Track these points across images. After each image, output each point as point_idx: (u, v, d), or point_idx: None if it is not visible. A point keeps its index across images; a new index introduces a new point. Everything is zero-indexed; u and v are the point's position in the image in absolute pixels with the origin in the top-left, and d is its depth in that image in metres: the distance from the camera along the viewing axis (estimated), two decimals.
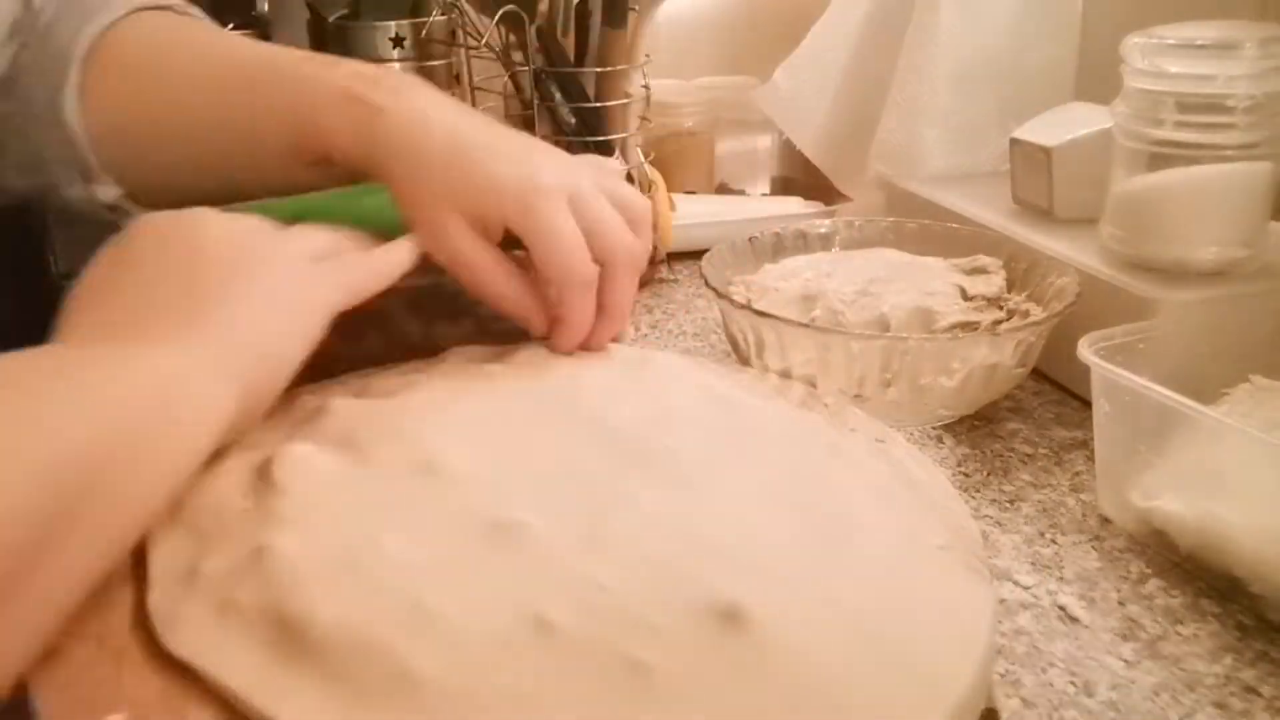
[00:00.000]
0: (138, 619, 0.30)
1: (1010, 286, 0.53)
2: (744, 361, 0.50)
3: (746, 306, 0.48)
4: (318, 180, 0.46)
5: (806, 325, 0.48)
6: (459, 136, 0.42)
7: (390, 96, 0.42)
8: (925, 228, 0.59)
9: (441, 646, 0.27)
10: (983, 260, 0.54)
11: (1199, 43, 0.46)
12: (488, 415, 0.39)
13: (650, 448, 0.36)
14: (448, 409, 0.39)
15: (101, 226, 0.54)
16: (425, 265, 0.44)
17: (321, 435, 0.37)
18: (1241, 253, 0.48)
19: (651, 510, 0.33)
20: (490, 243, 0.42)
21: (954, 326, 0.49)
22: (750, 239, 0.57)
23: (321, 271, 0.39)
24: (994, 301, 0.51)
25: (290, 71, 0.45)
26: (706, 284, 0.50)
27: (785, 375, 0.47)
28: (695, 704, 0.26)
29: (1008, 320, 0.50)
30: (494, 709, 0.26)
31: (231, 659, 0.27)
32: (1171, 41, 0.46)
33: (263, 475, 0.35)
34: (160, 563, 0.32)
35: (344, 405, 0.39)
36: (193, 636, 0.28)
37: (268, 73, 0.45)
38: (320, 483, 0.34)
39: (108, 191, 0.48)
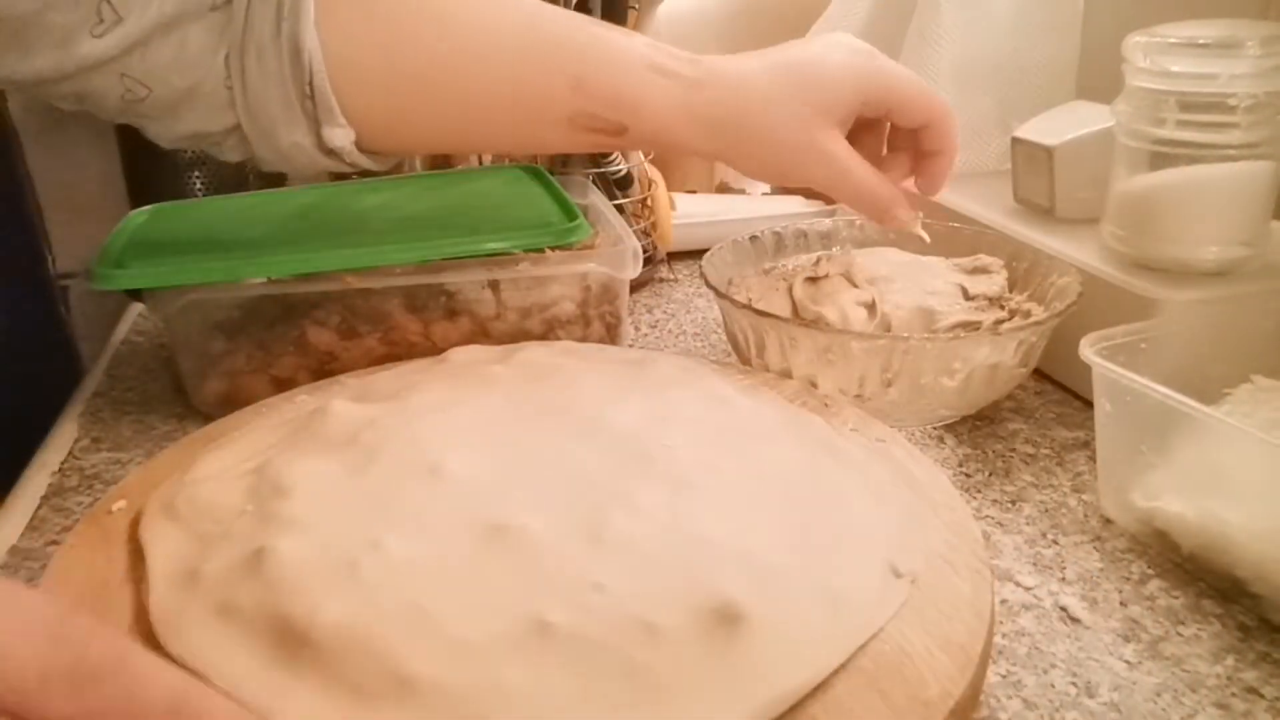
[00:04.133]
0: (137, 620, 0.30)
1: (1012, 286, 0.53)
2: (744, 361, 0.50)
3: (747, 306, 0.48)
4: (584, 144, 0.46)
5: (807, 325, 0.47)
6: (773, 68, 0.43)
7: (695, 68, 0.43)
8: (926, 227, 0.58)
9: (441, 648, 0.27)
10: (984, 260, 0.54)
11: (1201, 41, 0.45)
12: (488, 417, 0.38)
13: (650, 448, 0.36)
14: (449, 411, 0.39)
15: (103, 223, 0.54)
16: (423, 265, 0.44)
17: (322, 438, 0.37)
18: (1243, 252, 0.48)
19: (650, 511, 0.32)
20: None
21: (955, 326, 0.48)
22: (751, 238, 0.57)
23: None
24: (995, 301, 0.51)
25: (574, 31, 0.43)
26: (707, 283, 0.50)
27: (785, 375, 0.47)
28: (692, 703, 0.26)
29: (1009, 320, 0.50)
30: (493, 710, 0.26)
31: (231, 661, 0.27)
32: (1173, 40, 0.46)
33: (263, 478, 0.35)
34: (160, 564, 0.32)
35: (344, 408, 0.39)
36: (193, 638, 0.28)
37: (546, 26, 0.43)
38: (320, 485, 0.34)
39: (338, 136, 0.43)
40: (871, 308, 0.49)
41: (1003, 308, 0.51)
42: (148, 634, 0.29)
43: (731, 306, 0.48)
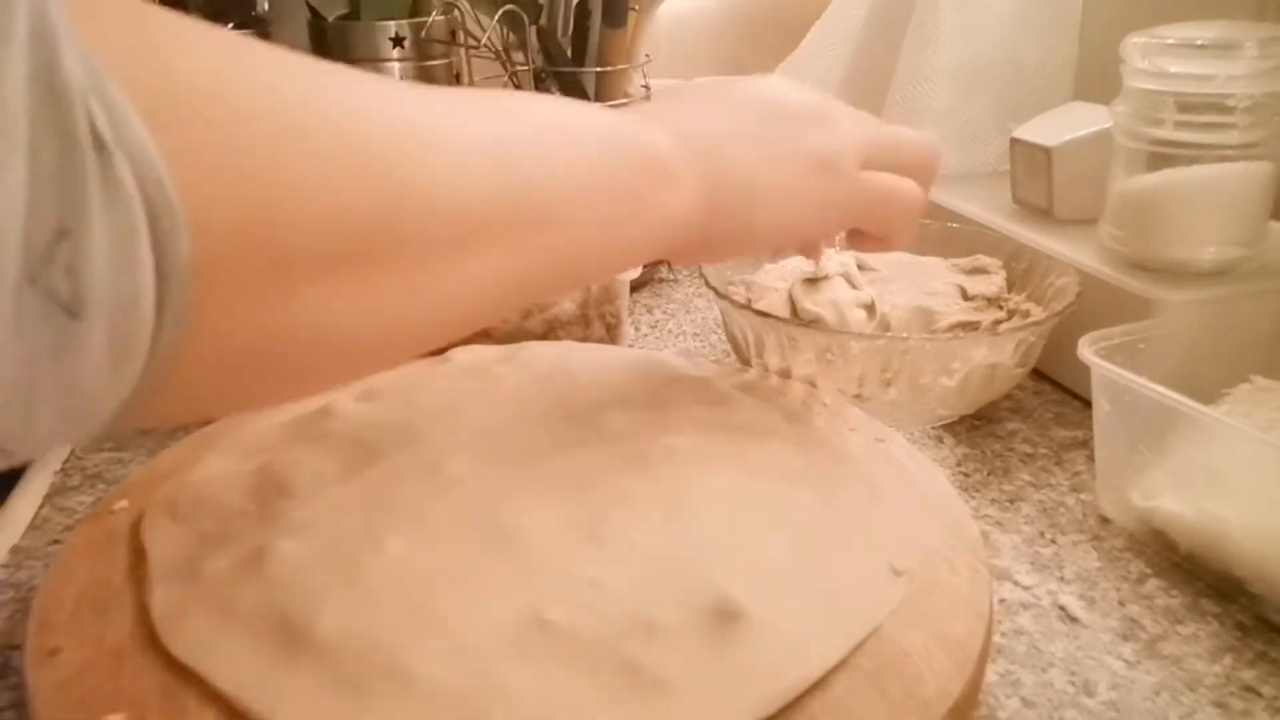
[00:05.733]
0: (138, 619, 0.30)
1: (1010, 286, 0.53)
2: (744, 362, 0.50)
3: (747, 306, 0.48)
4: None
5: (806, 325, 0.48)
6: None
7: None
8: (924, 227, 0.58)
9: (442, 647, 0.27)
10: (983, 260, 0.54)
11: (1199, 42, 0.46)
12: (490, 417, 0.39)
13: (649, 448, 0.36)
14: (451, 411, 0.39)
15: None
16: None
17: (324, 437, 0.37)
18: (1241, 252, 0.48)
19: (649, 510, 0.33)
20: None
21: (954, 326, 0.49)
22: None
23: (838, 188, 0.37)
24: (994, 301, 0.51)
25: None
26: (706, 284, 0.50)
27: (785, 375, 0.47)
28: (691, 699, 0.26)
29: (1008, 320, 0.50)
30: (494, 708, 0.26)
31: (232, 660, 0.27)
32: (1171, 41, 0.46)
33: (265, 477, 0.35)
34: (161, 564, 0.32)
35: (347, 407, 0.39)
36: (194, 638, 0.28)
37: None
38: (323, 484, 0.34)
39: None
40: (870, 308, 0.49)
41: (1001, 308, 0.51)
42: (149, 633, 0.29)
43: (731, 307, 0.49)
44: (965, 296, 0.51)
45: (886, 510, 0.35)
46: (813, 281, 0.51)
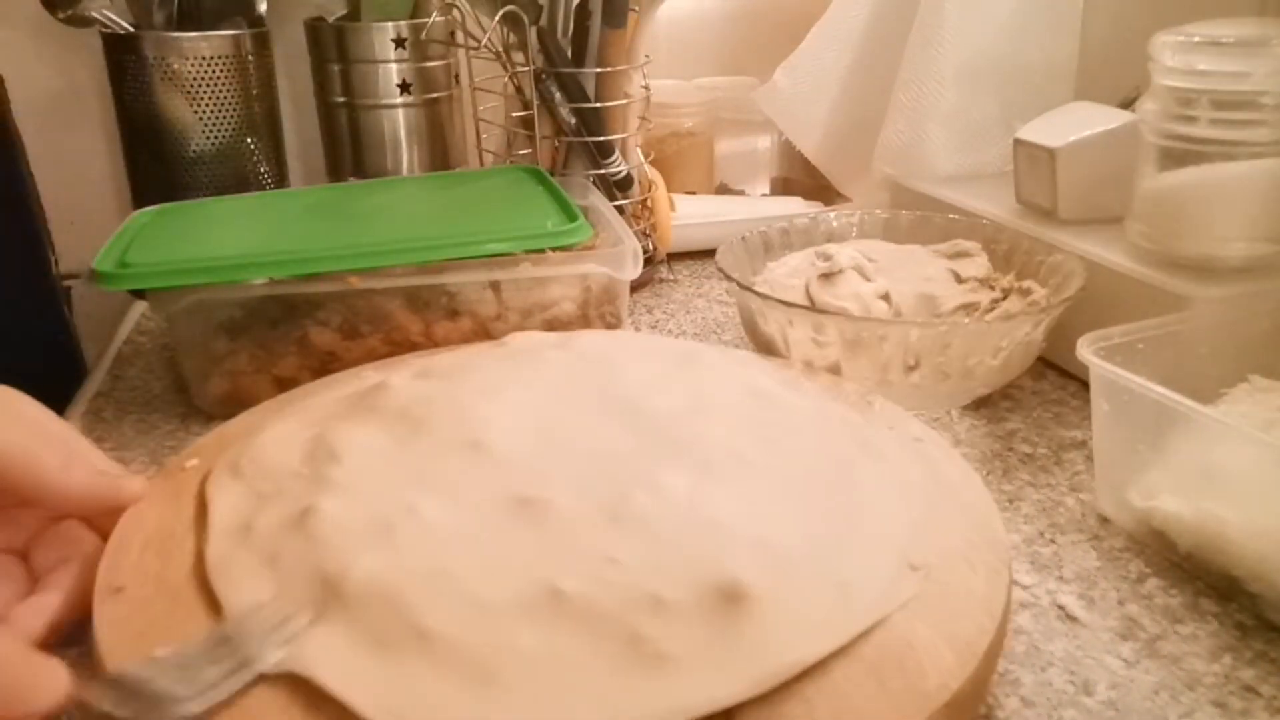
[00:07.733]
0: (195, 565, 0.32)
1: (995, 268, 0.54)
2: (765, 352, 0.51)
3: (776, 299, 0.48)
4: None
5: (836, 314, 0.48)
6: None
7: None
8: (923, 217, 0.59)
9: (460, 607, 0.29)
10: (963, 244, 0.55)
11: (1227, 40, 0.45)
12: (535, 398, 0.40)
13: (681, 435, 0.37)
14: (498, 391, 0.40)
15: (106, 224, 0.54)
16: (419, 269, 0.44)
17: (377, 410, 0.39)
18: (1269, 249, 0.47)
19: (672, 493, 0.33)
20: None
21: (957, 309, 0.49)
22: (744, 238, 0.57)
23: None
24: (985, 282, 0.52)
25: None
26: (727, 277, 0.50)
27: (809, 364, 0.47)
28: (691, 672, 0.27)
29: (1004, 299, 0.50)
30: (504, 667, 0.27)
31: None
32: (1198, 39, 0.46)
33: (319, 443, 0.37)
34: (219, 517, 0.34)
35: (401, 383, 0.41)
36: (239, 584, 0.30)
37: None
38: (370, 452, 0.36)
39: None
40: (887, 298, 0.50)
41: (993, 288, 0.51)
42: (203, 578, 0.31)
43: (758, 299, 0.48)
44: (959, 280, 0.52)
45: (912, 507, 0.35)
46: (828, 277, 0.51)
